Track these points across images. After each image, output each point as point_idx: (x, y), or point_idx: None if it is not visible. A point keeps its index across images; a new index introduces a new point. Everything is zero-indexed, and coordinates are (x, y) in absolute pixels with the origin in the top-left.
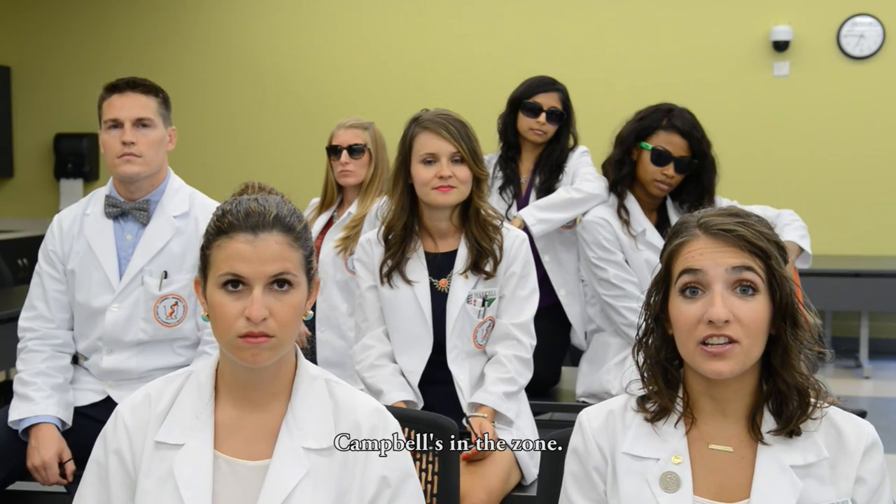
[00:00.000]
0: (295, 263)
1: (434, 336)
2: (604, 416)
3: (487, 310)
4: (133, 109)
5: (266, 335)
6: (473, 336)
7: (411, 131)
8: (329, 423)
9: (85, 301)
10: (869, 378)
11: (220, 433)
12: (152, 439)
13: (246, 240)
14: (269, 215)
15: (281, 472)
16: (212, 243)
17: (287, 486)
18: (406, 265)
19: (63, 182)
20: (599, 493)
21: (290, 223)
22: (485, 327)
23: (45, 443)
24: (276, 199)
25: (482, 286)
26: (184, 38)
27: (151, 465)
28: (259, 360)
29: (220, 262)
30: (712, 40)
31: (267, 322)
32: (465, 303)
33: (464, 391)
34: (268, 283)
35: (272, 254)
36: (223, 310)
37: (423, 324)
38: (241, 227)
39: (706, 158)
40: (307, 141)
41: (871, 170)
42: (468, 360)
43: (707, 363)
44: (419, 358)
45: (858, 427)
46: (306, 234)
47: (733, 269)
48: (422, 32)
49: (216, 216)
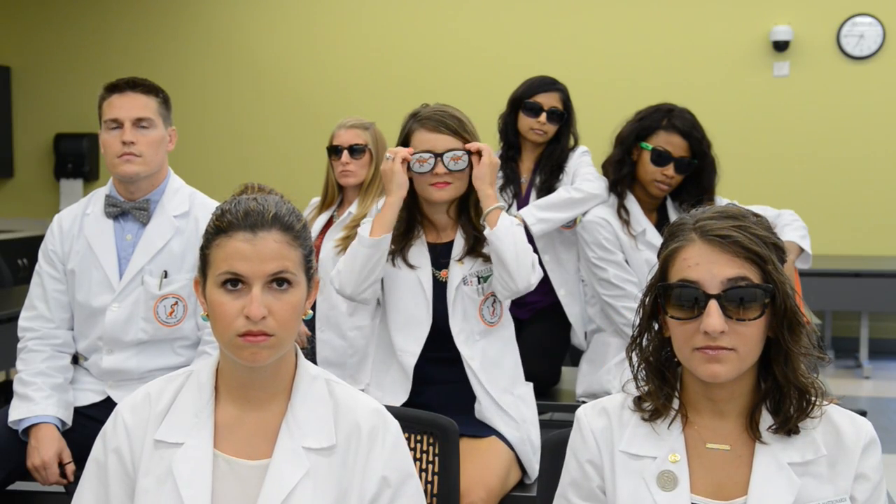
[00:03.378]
0: (294, 262)
1: (438, 325)
2: (601, 412)
3: (485, 286)
4: (133, 109)
5: (265, 334)
6: (480, 314)
7: (408, 127)
8: (329, 423)
9: (85, 301)
10: (869, 378)
11: (220, 432)
12: (152, 438)
13: (245, 238)
14: (267, 214)
15: (281, 472)
16: (211, 242)
17: (287, 485)
18: (409, 251)
19: (63, 182)
20: (593, 487)
21: (289, 222)
22: (489, 303)
23: (44, 443)
24: (276, 199)
25: (476, 267)
26: (184, 38)
27: (151, 464)
28: (258, 358)
29: (219, 262)
30: (712, 40)
31: (266, 321)
32: (462, 285)
33: (476, 372)
34: (267, 282)
35: (271, 252)
36: (222, 309)
37: (423, 304)
38: (240, 225)
39: (706, 159)
40: (308, 141)
41: (871, 170)
42: (481, 339)
43: (703, 367)
44: (414, 337)
45: (856, 424)
46: (305, 233)
47: (728, 280)
48: (422, 32)
49: (215, 216)
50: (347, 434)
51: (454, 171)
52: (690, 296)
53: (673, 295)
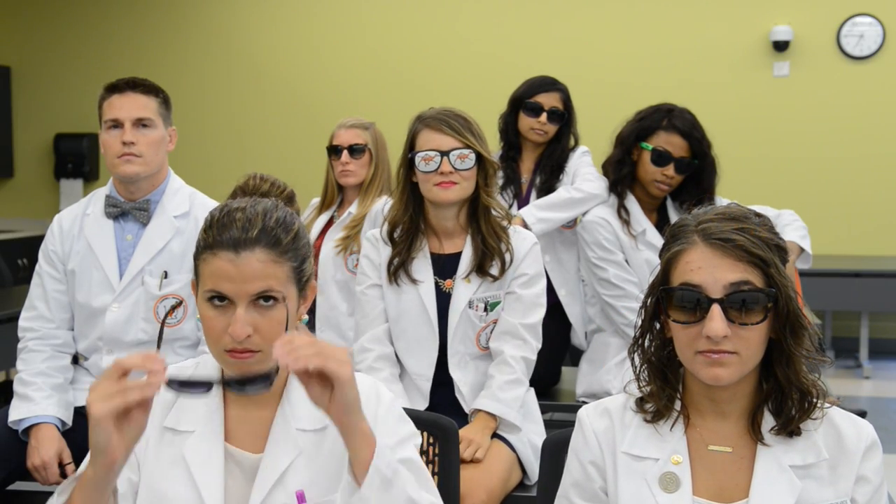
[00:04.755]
0: (280, 279)
1: (439, 336)
2: (603, 413)
3: (490, 314)
4: (133, 109)
5: (251, 351)
6: (477, 339)
7: (414, 129)
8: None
9: (85, 301)
10: (869, 378)
11: (226, 425)
12: (160, 425)
13: (228, 259)
14: (252, 230)
15: (275, 453)
16: (199, 255)
17: (281, 465)
18: (411, 264)
19: (63, 182)
20: (595, 488)
21: (276, 236)
22: (488, 331)
23: (44, 442)
24: (266, 207)
25: (484, 290)
26: (184, 38)
27: (159, 450)
28: (246, 372)
29: (205, 278)
30: (712, 40)
31: (251, 339)
32: (467, 307)
33: (465, 396)
34: (252, 300)
35: (254, 272)
36: (210, 323)
37: (428, 326)
38: (224, 244)
39: (706, 159)
40: (308, 141)
41: (871, 170)
42: (471, 362)
43: (705, 369)
44: (427, 361)
45: (858, 427)
46: (296, 243)
47: (731, 284)
48: (422, 32)
49: (204, 226)
50: None
51: (460, 169)
52: (693, 299)
53: (675, 298)
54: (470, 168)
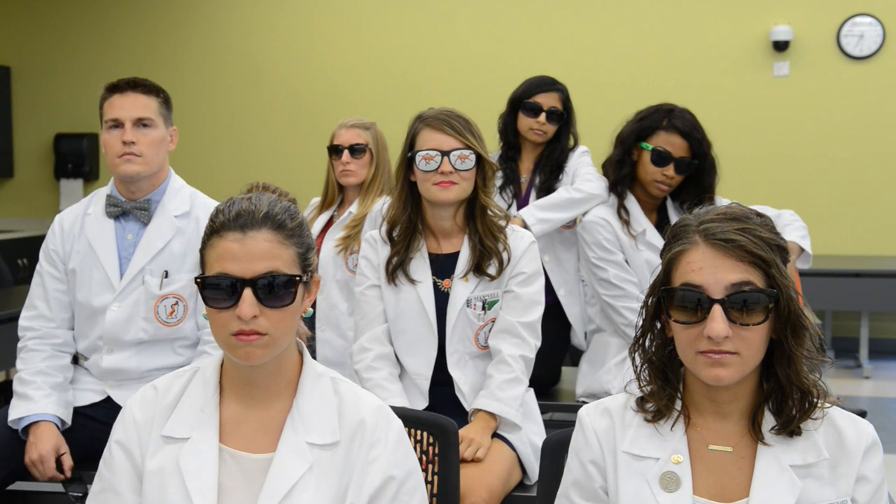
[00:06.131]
0: (286, 261)
1: (438, 336)
2: (604, 413)
3: (489, 313)
4: (134, 109)
5: (258, 333)
6: (475, 338)
7: (414, 128)
8: (333, 420)
9: (85, 300)
10: (869, 378)
11: (225, 427)
12: (159, 433)
13: (234, 239)
14: (258, 213)
15: (284, 465)
16: (206, 243)
17: (290, 479)
18: (409, 264)
19: (63, 182)
20: (595, 487)
21: (281, 220)
22: (487, 330)
23: (42, 438)
24: (270, 198)
25: (482, 289)
26: (184, 38)
27: (158, 459)
28: (252, 357)
29: (212, 262)
30: (712, 40)
31: (258, 320)
32: (465, 307)
33: (465, 395)
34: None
35: (261, 252)
36: (217, 308)
37: (427, 325)
38: (231, 226)
39: (706, 159)
40: (308, 140)
41: (871, 170)
42: (470, 361)
43: (707, 370)
44: (426, 360)
45: (858, 427)
46: (301, 230)
47: (732, 285)
48: (422, 32)
49: (210, 217)
50: (351, 431)
51: (460, 170)
52: (694, 300)
53: (676, 298)
54: (470, 169)
